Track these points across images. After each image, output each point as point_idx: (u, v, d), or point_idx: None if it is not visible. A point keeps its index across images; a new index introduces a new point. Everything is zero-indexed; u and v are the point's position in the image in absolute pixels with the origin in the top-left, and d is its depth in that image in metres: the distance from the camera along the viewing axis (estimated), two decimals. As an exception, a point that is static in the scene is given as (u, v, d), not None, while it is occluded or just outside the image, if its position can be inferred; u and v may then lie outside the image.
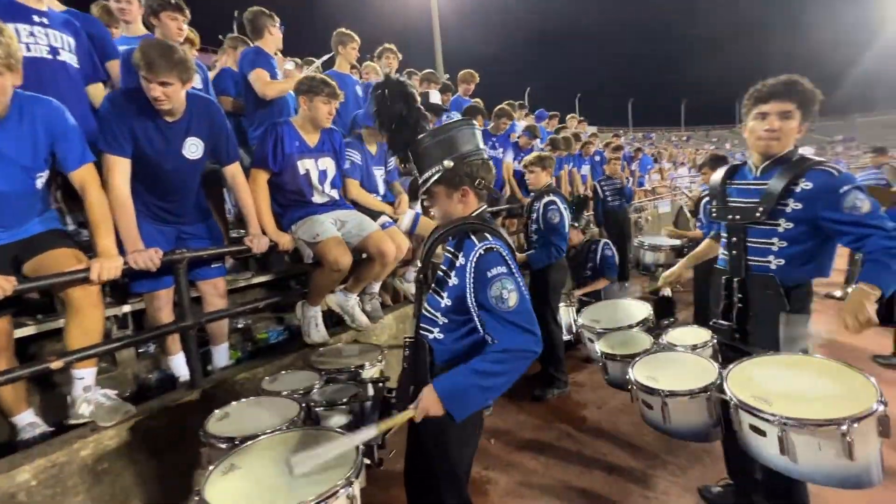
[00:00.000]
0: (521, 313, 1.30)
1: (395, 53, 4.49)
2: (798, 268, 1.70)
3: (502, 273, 1.31)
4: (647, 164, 11.17)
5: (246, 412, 1.72)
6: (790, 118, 1.66)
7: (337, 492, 1.18)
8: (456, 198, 1.45)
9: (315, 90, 2.45)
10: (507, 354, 1.29)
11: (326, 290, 2.62)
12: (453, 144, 1.42)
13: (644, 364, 2.03)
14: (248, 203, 2.40)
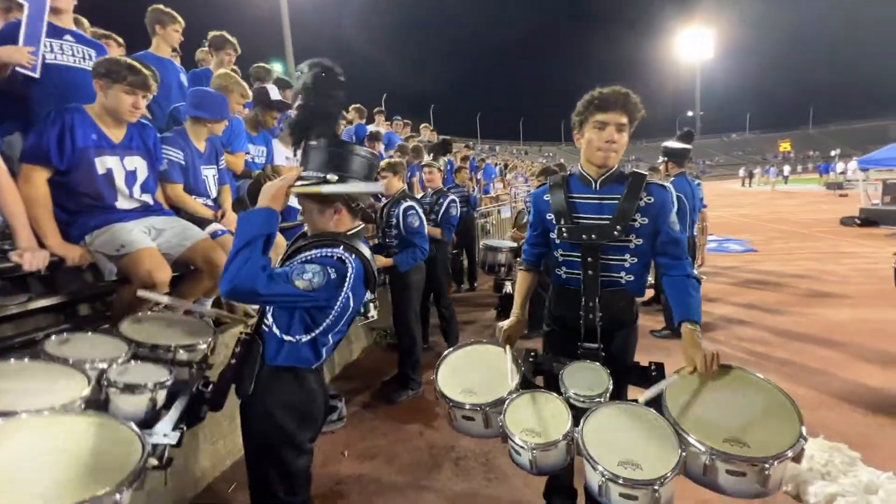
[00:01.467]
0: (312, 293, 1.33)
1: (235, 48, 4.00)
2: (638, 281, 1.75)
3: (325, 260, 1.37)
4: (492, 174, 12.32)
5: (13, 377, 1.31)
6: (624, 131, 1.64)
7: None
8: (328, 214, 1.46)
9: (117, 76, 2.03)
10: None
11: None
12: (340, 163, 1.39)
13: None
14: (16, 209, 1.88)
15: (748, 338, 4.40)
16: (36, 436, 1.13)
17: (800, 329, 4.53)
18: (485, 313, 5.62)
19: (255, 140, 3.59)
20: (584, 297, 1.75)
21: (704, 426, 1.34)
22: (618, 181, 1.71)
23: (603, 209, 1.71)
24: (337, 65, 1.46)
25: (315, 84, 1.43)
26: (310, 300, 1.34)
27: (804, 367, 3.69)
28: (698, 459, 1.29)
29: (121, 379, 1.40)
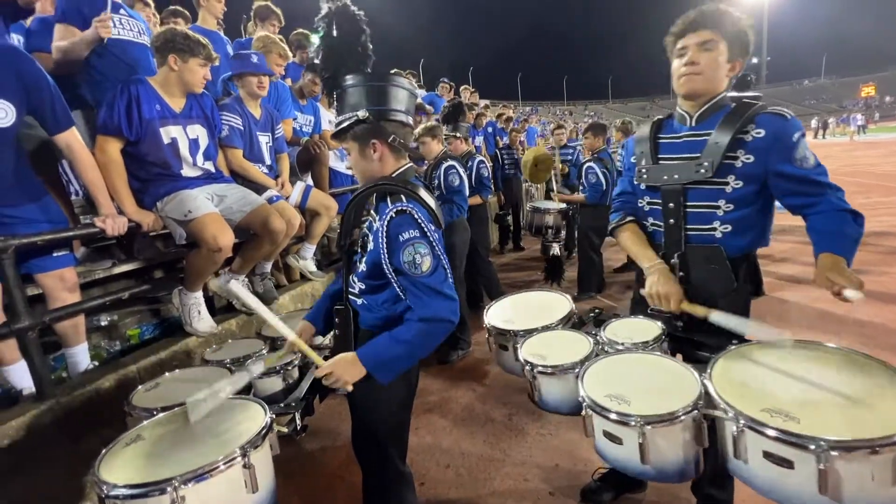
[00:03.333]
0: (437, 276, 1.29)
1: (279, 19, 4.02)
2: (743, 235, 1.45)
3: (414, 237, 1.29)
4: (534, 135, 11.90)
5: (175, 383, 1.67)
6: (712, 49, 1.40)
7: (230, 460, 1.12)
8: (370, 154, 1.39)
9: (192, 50, 2.13)
10: (422, 324, 1.28)
11: (206, 274, 2.36)
12: (378, 97, 1.34)
13: (597, 377, 1.35)
14: (95, 178, 2.02)
15: (823, 298, 4.09)
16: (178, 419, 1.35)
17: (881, 289, 4.14)
18: (532, 275, 5.55)
19: (303, 109, 3.63)
20: (664, 253, 1.54)
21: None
22: (718, 112, 1.45)
23: (695, 147, 1.47)
24: (353, 10, 1.42)
25: (334, 24, 1.40)
26: (441, 267, 1.32)
27: (885, 328, 3.39)
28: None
29: (255, 368, 1.59)
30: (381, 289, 1.42)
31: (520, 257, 6.63)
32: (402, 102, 1.40)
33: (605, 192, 4.29)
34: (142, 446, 1.23)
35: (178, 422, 1.32)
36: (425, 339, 1.31)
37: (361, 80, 1.37)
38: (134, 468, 1.13)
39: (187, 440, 1.23)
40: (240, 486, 1.14)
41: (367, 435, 1.56)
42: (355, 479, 1.79)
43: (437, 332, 1.31)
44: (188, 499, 1.05)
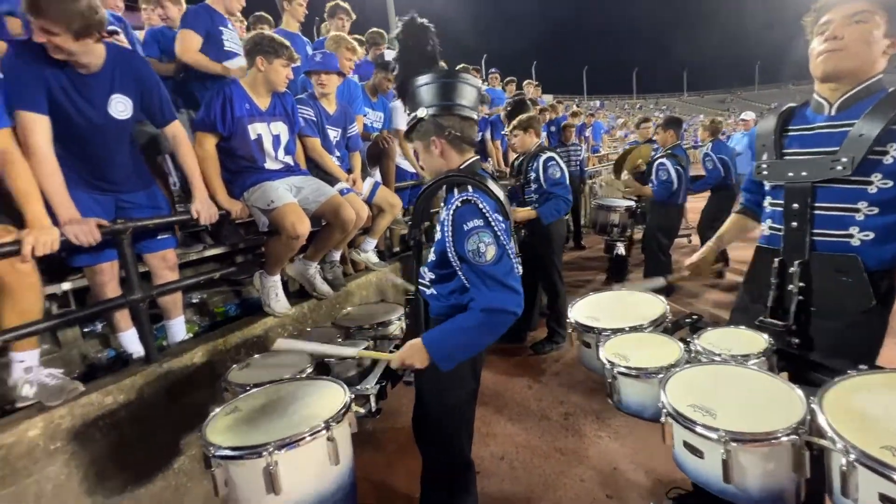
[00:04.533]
0: (501, 266, 1.31)
1: (347, 13, 4.25)
2: (890, 244, 1.24)
3: (478, 226, 1.31)
4: (600, 131, 11.45)
5: (263, 363, 1.87)
6: (865, 21, 1.19)
7: (316, 432, 1.24)
8: (433, 151, 1.45)
9: (276, 52, 2.32)
10: (484, 314, 1.30)
11: (285, 259, 2.56)
12: (441, 94, 1.40)
13: (682, 385, 1.28)
14: (194, 167, 2.27)
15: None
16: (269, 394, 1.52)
17: None
18: (594, 276, 5.39)
19: (373, 105, 3.79)
20: (782, 259, 1.36)
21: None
22: (868, 99, 1.24)
23: (831, 140, 1.27)
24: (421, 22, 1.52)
25: (405, 32, 1.49)
26: (506, 257, 1.34)
27: None
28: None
29: (349, 351, 1.74)
30: (448, 278, 1.47)
31: (580, 256, 6.45)
32: (462, 96, 1.43)
33: (677, 191, 4.06)
34: (238, 416, 1.39)
35: (269, 397, 1.47)
36: (486, 329, 1.32)
37: (425, 80, 1.43)
38: (233, 433, 1.29)
39: (278, 413, 1.37)
40: (324, 457, 1.26)
41: (432, 421, 1.62)
42: (413, 462, 1.87)
43: (498, 324, 1.32)
44: (280, 463, 1.18)
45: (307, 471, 1.24)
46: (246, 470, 1.19)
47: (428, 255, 1.56)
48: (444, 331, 1.37)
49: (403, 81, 1.51)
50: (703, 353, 1.45)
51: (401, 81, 1.52)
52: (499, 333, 1.35)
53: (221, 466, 1.21)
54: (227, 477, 1.22)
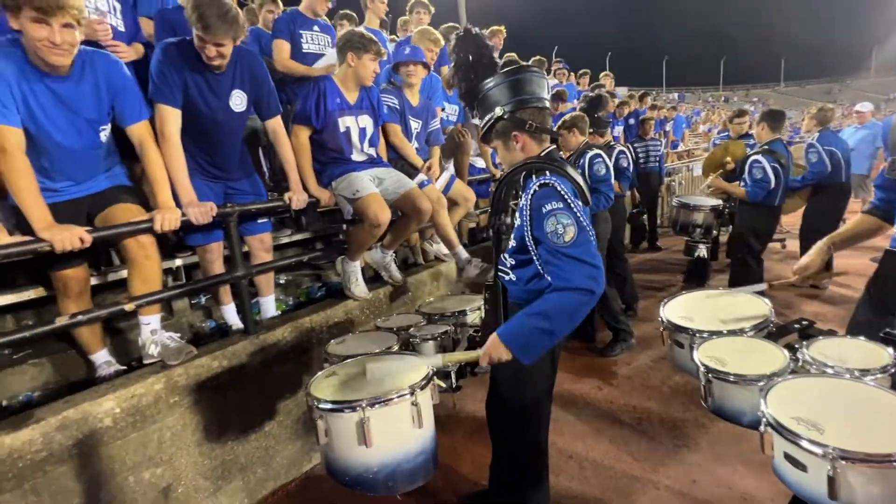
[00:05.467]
0: (580, 246, 1.29)
1: (426, 8, 4.35)
2: None
3: (557, 208, 1.31)
4: (681, 125, 10.69)
5: (357, 340, 2.09)
6: None
7: (402, 395, 1.37)
8: (513, 146, 1.48)
9: (365, 47, 2.45)
10: (559, 294, 1.29)
11: (365, 246, 2.70)
12: (512, 90, 1.42)
13: (786, 395, 1.22)
14: (290, 158, 2.46)
15: None
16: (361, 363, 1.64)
17: None
18: (670, 278, 5.09)
19: (450, 99, 3.85)
20: None
21: None
22: None
23: None
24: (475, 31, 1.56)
25: (460, 45, 1.53)
26: (587, 238, 1.32)
27: None
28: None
29: (418, 333, 2.04)
30: (527, 263, 1.48)
31: (655, 258, 6.11)
32: (534, 88, 1.44)
33: (774, 191, 3.69)
34: (336, 379, 1.56)
35: (362, 366, 1.61)
36: (564, 309, 1.29)
37: (494, 81, 1.46)
38: (332, 391, 1.46)
39: (369, 380, 1.51)
40: (408, 419, 1.38)
41: (509, 412, 1.64)
42: (480, 449, 1.91)
43: (576, 303, 1.28)
44: (371, 419, 1.32)
45: (394, 429, 1.37)
46: (343, 422, 1.35)
47: (507, 242, 1.58)
48: (519, 322, 1.37)
49: (468, 90, 1.54)
50: (813, 363, 1.35)
51: (465, 91, 1.56)
52: (578, 313, 1.31)
53: (323, 418, 1.38)
54: (327, 427, 1.38)
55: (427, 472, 1.43)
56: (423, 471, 1.42)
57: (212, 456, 2.06)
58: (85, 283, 2.02)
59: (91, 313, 1.83)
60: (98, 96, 1.81)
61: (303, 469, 2.41)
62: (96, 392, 1.77)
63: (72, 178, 1.90)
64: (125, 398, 1.78)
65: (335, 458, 1.39)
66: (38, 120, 1.70)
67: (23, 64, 1.64)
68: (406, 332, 2.10)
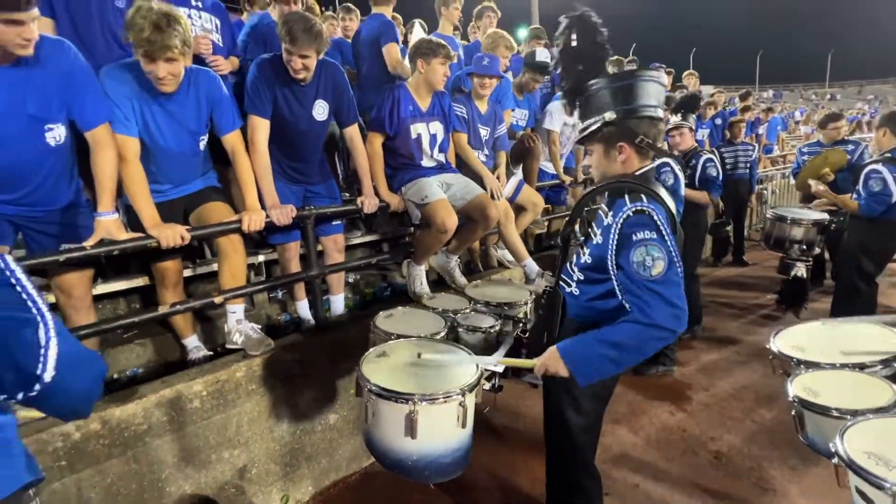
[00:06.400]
0: (666, 284, 1.23)
1: (495, 12, 4.33)
2: None
3: (650, 239, 1.25)
4: (776, 127, 9.65)
5: (405, 316, 2.10)
6: None
7: (451, 395, 1.39)
8: (614, 156, 1.40)
9: (433, 52, 2.49)
10: (638, 327, 1.24)
11: (431, 251, 2.74)
12: (625, 96, 1.35)
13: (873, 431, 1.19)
14: (364, 164, 2.56)
15: None
16: (412, 348, 1.70)
17: None
18: (756, 297, 4.62)
19: (519, 104, 3.79)
20: None
21: None
22: None
23: None
24: (591, 17, 1.45)
25: (573, 34, 1.43)
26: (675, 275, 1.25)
27: None
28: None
29: (465, 322, 2.01)
30: (597, 282, 1.42)
31: (741, 274, 5.57)
32: (651, 97, 1.36)
33: (894, 205, 3.20)
34: (387, 361, 1.61)
35: (412, 351, 1.66)
36: (638, 344, 1.25)
37: (606, 82, 1.38)
38: (383, 375, 1.50)
39: (419, 368, 1.56)
40: (454, 418, 1.40)
41: (559, 426, 1.58)
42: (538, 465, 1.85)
43: (653, 339, 1.24)
44: (420, 413, 1.35)
45: (440, 426, 1.39)
46: (393, 410, 1.39)
47: (574, 253, 1.51)
48: (586, 345, 1.32)
49: (573, 84, 1.47)
50: None
51: (571, 85, 1.49)
52: (651, 350, 1.27)
53: (373, 401, 1.42)
54: (375, 410, 1.43)
55: (461, 466, 1.48)
56: (459, 465, 1.47)
57: (282, 443, 2.19)
58: (180, 274, 2.24)
59: (187, 303, 2.04)
60: (199, 110, 2.01)
61: (362, 465, 2.50)
62: (187, 375, 1.96)
63: (174, 181, 2.12)
64: (211, 382, 1.95)
65: (378, 440, 1.46)
66: (151, 132, 1.92)
67: (143, 84, 1.86)
68: (453, 316, 2.09)
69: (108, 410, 1.70)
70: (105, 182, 1.74)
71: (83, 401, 1.04)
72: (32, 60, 1.53)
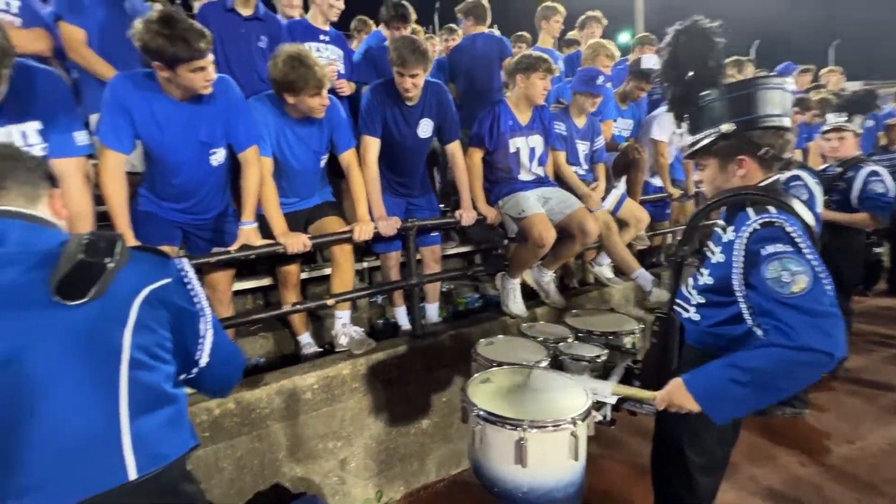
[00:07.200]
0: (813, 300, 1.06)
1: (599, 22, 4.20)
2: None
3: (784, 252, 1.10)
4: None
5: (505, 344, 2.07)
6: None
7: (560, 423, 1.33)
8: (732, 170, 1.29)
9: (533, 66, 2.50)
10: (783, 351, 1.06)
11: (527, 265, 2.72)
12: (745, 105, 1.24)
13: None
14: (464, 179, 2.64)
15: None
16: (516, 375, 1.67)
17: None
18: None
19: (623, 113, 3.62)
20: None
21: None
22: None
23: None
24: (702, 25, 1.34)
25: (681, 43, 1.33)
26: (822, 290, 1.09)
27: None
28: None
29: (568, 351, 1.92)
30: (722, 305, 1.29)
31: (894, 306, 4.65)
32: (775, 105, 1.22)
33: None
34: (491, 387, 1.59)
35: (517, 377, 1.64)
36: (783, 371, 1.07)
37: (722, 92, 1.27)
38: (490, 400, 1.48)
39: (528, 396, 1.52)
40: (566, 449, 1.34)
41: (676, 464, 1.46)
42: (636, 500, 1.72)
43: (803, 365, 1.05)
44: (529, 441, 1.31)
45: (550, 456, 1.34)
46: (502, 436, 1.36)
47: (690, 274, 1.40)
48: (720, 378, 1.16)
49: (681, 94, 1.38)
50: None
51: (676, 95, 1.40)
52: (802, 380, 1.09)
53: (481, 426, 1.41)
54: (483, 436, 1.41)
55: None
56: (571, 502, 1.38)
57: (378, 441, 2.32)
58: (298, 277, 2.51)
59: (305, 304, 2.28)
60: (323, 133, 2.26)
61: (451, 472, 2.54)
62: (302, 369, 2.18)
63: (299, 194, 2.39)
64: (322, 377, 2.15)
65: (487, 467, 1.43)
66: (283, 152, 2.20)
67: (280, 113, 2.15)
68: (555, 345, 2.02)
69: (240, 393, 1.96)
70: (250, 195, 2.03)
71: (226, 384, 1.24)
72: (206, 96, 1.85)
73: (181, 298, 1.01)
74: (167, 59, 1.64)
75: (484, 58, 3.40)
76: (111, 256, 0.89)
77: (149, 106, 1.77)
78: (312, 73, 1.93)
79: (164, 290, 0.97)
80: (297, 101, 2.03)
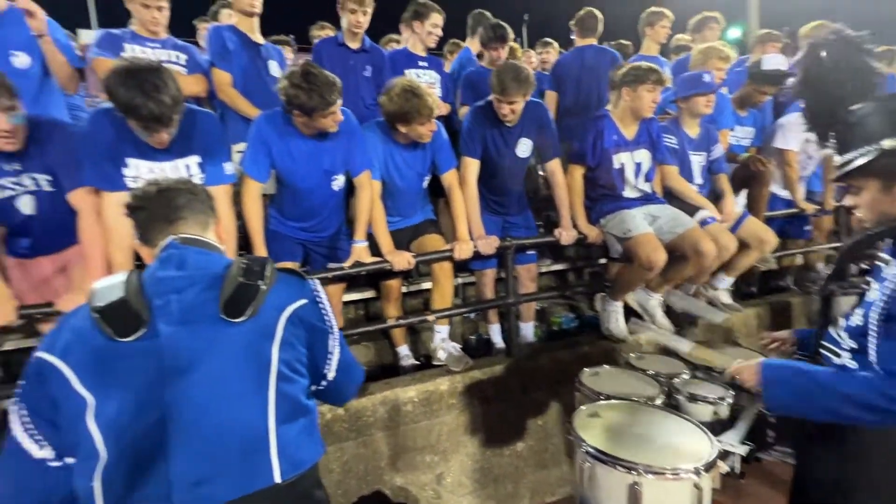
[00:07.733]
0: None
1: (718, 22, 3.86)
2: None
3: None
4: None
5: (612, 376, 1.96)
6: None
7: (680, 472, 1.23)
8: None
9: (640, 78, 2.38)
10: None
11: (632, 288, 2.56)
12: None
13: None
14: (564, 197, 2.58)
15: None
16: (627, 412, 1.58)
17: None
18: None
19: (742, 120, 3.28)
20: None
21: None
22: None
23: None
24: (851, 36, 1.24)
25: (824, 52, 1.23)
26: None
27: None
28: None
29: (685, 389, 1.72)
30: None
31: None
32: None
33: None
34: (602, 422, 1.51)
35: (629, 414, 1.55)
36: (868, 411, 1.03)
37: (879, 106, 1.12)
38: (600, 438, 1.41)
39: (643, 436, 1.42)
40: (687, 501, 1.22)
41: None
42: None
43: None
44: (644, 486, 1.22)
45: None
46: (613, 478, 1.28)
47: (841, 313, 1.22)
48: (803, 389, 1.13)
49: (826, 109, 1.24)
50: None
51: (818, 110, 1.27)
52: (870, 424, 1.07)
53: (589, 464, 1.33)
54: (592, 474, 1.33)
55: None
56: None
57: (474, 459, 2.33)
58: (399, 291, 2.63)
59: (408, 318, 2.40)
60: (426, 155, 2.38)
61: (545, 500, 2.46)
62: (403, 381, 2.27)
63: (403, 213, 2.52)
64: (422, 391, 2.22)
65: None
66: (391, 175, 2.35)
67: (388, 139, 2.31)
68: (668, 380, 1.83)
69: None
70: (363, 216, 2.20)
71: (346, 397, 1.33)
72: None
73: (315, 317, 1.10)
74: (306, 110, 1.89)
75: (591, 70, 3.32)
76: (262, 279, 1.01)
77: (286, 143, 2.04)
78: (424, 102, 2.07)
79: (303, 310, 1.07)
80: (409, 130, 2.16)
